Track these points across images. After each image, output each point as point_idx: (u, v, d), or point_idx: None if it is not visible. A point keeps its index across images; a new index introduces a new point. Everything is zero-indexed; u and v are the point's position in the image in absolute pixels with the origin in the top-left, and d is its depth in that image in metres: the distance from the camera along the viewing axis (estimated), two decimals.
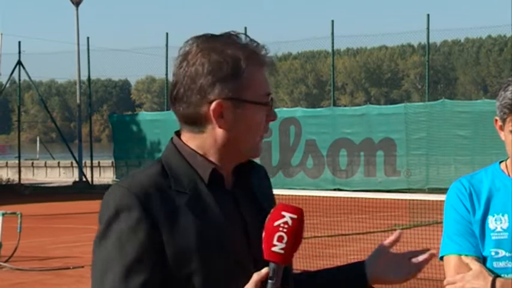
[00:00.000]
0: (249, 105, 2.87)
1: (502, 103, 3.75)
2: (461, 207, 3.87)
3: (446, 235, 3.90)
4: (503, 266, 3.79)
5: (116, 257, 2.75)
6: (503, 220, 3.79)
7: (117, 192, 2.84)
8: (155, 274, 2.77)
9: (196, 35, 2.94)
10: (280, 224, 2.75)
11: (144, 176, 2.86)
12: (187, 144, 2.92)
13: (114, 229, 2.77)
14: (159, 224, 2.77)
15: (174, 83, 2.89)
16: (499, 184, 3.86)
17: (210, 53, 2.84)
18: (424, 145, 30.70)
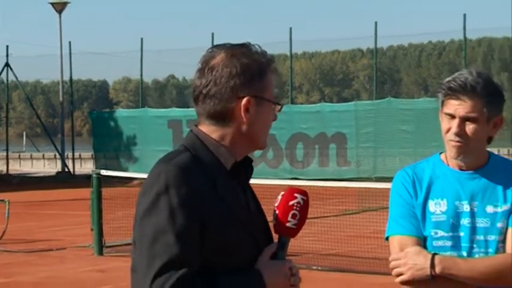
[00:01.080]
0: (267, 103, 3.06)
1: (441, 87, 3.79)
2: (405, 193, 3.89)
3: (391, 218, 3.92)
4: (442, 244, 3.80)
5: (167, 227, 2.81)
6: (442, 204, 3.81)
7: (165, 167, 2.91)
8: (197, 244, 2.85)
9: (217, 44, 3.13)
10: (295, 203, 3.01)
11: (186, 159, 2.94)
12: (210, 136, 3.02)
13: (164, 202, 2.83)
14: (200, 201, 2.87)
15: (205, 83, 3.00)
16: (439, 172, 3.88)
17: (241, 58, 2.99)
18: (372, 139, 30.78)
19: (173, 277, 2.77)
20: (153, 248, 2.81)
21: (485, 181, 3.82)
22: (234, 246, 2.94)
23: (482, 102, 3.73)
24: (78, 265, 14.24)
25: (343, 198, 20.37)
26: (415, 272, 3.76)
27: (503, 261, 3.74)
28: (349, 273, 12.94)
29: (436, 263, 3.72)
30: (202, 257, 2.85)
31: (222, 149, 3.01)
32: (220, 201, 2.93)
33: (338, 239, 15.59)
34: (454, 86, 3.74)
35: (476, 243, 3.79)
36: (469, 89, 3.71)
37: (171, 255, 2.79)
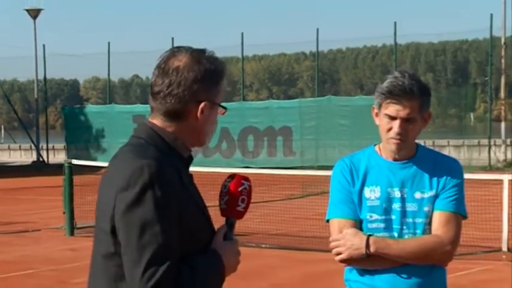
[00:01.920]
0: (216, 108, 3.01)
1: (379, 91, 3.79)
2: (343, 181, 3.89)
3: (331, 202, 3.92)
4: (376, 226, 3.82)
5: (154, 218, 2.76)
6: (376, 191, 3.83)
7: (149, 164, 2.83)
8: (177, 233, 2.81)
9: (179, 46, 3.04)
10: (243, 189, 3.01)
11: (155, 154, 2.89)
12: (166, 130, 2.97)
13: (150, 195, 2.77)
14: (175, 192, 2.83)
15: (167, 83, 2.93)
16: (373, 162, 3.89)
17: (205, 64, 2.96)
18: (314, 132, 30.93)
19: (161, 268, 2.73)
20: (141, 240, 2.75)
21: (414, 170, 3.84)
22: (199, 231, 2.94)
23: (418, 103, 3.76)
24: (51, 245, 14.15)
25: (289, 185, 20.42)
26: (352, 251, 3.77)
27: (429, 241, 3.77)
28: (294, 250, 12.98)
29: (371, 244, 3.74)
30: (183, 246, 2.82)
31: (178, 142, 2.97)
32: (186, 190, 2.91)
33: (284, 220, 15.64)
34: (393, 90, 3.74)
35: (406, 225, 3.81)
36: (408, 93, 3.73)
37: (158, 246, 2.74)
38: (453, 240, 3.78)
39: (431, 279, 3.82)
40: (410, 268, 3.77)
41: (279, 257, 12.41)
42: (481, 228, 12.32)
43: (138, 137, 2.97)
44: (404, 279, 3.78)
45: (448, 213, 3.79)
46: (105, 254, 2.88)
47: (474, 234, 11.56)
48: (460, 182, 3.86)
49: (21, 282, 11.10)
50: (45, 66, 39.08)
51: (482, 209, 12.88)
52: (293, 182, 20.02)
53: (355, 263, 3.83)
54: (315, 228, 12.66)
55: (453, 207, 3.81)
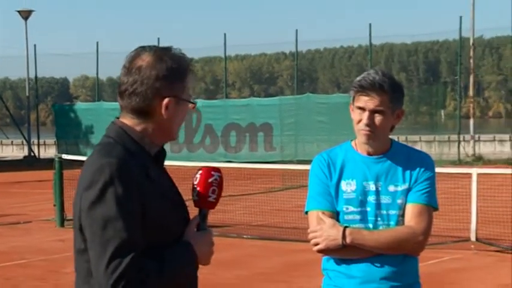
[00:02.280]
0: (184, 103, 2.96)
1: (353, 85, 3.83)
2: (321, 174, 3.89)
3: (310, 195, 3.92)
4: (352, 218, 3.83)
5: (115, 214, 2.74)
6: (352, 184, 3.84)
7: (110, 162, 2.81)
8: (140, 228, 2.78)
9: (143, 46, 3.00)
10: (213, 180, 2.96)
11: (120, 152, 2.86)
12: (134, 128, 2.93)
13: (111, 193, 2.75)
14: (139, 188, 2.80)
15: (132, 81, 2.91)
16: (350, 157, 3.89)
17: (167, 62, 2.91)
18: (294, 128, 30.94)
19: (125, 260, 2.71)
20: (104, 235, 2.74)
21: (388, 164, 3.85)
22: (170, 223, 2.90)
23: (388, 98, 3.77)
24: (42, 236, 14.10)
25: (269, 178, 20.44)
26: (329, 242, 3.78)
27: (402, 232, 3.79)
28: (275, 241, 12.98)
29: (347, 235, 3.75)
30: (146, 238, 2.79)
31: (146, 140, 2.94)
32: (154, 185, 2.87)
33: (265, 212, 15.64)
34: (364, 84, 3.77)
35: (380, 217, 3.82)
36: (377, 87, 3.75)
37: (121, 240, 2.72)
38: (425, 231, 3.79)
39: (404, 268, 3.83)
40: (384, 257, 3.78)
41: (260, 247, 12.41)
42: (451, 219, 12.38)
43: (108, 136, 2.95)
44: (379, 268, 3.79)
45: (420, 206, 3.81)
46: (77, 250, 2.89)
47: (445, 225, 11.62)
48: (431, 175, 3.87)
49: (14, 272, 11.05)
50: (36, 65, 38.98)
51: (452, 201, 12.94)
52: (273, 175, 20.04)
53: (332, 253, 3.83)
54: (294, 219, 12.69)
55: (425, 199, 3.82)
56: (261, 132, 31.92)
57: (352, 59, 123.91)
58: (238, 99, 46.07)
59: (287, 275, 10.46)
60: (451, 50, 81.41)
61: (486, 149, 32.20)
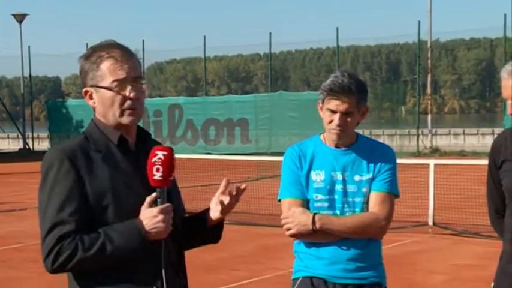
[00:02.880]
0: (103, 91, 2.89)
1: (322, 88, 3.81)
2: (293, 165, 3.90)
3: (282, 184, 3.93)
4: (321, 205, 3.84)
5: (52, 196, 2.77)
6: (321, 174, 3.84)
7: (52, 152, 2.87)
8: (81, 207, 2.77)
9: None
10: (156, 160, 2.82)
11: (73, 142, 2.90)
12: (100, 119, 2.95)
13: (49, 177, 2.79)
14: (82, 172, 2.79)
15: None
16: (319, 149, 3.90)
17: (81, 59, 2.95)
18: (268, 122, 30.94)
19: (52, 238, 2.76)
20: (42, 216, 2.82)
21: (354, 156, 3.86)
22: (118, 203, 2.83)
23: (356, 99, 3.79)
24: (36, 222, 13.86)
25: (245, 169, 20.44)
26: (300, 227, 3.79)
27: (366, 217, 3.81)
28: (251, 226, 13.02)
29: (316, 220, 3.76)
30: (91, 218, 2.79)
31: (108, 128, 2.93)
32: (110, 170, 2.85)
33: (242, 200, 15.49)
34: (334, 89, 3.76)
35: (347, 204, 3.83)
36: (346, 90, 3.75)
37: (52, 222, 2.76)
38: (387, 217, 3.81)
39: (369, 250, 3.84)
40: (350, 241, 3.80)
41: (238, 232, 12.41)
42: (411, 205, 12.45)
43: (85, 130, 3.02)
44: (345, 251, 3.80)
45: (383, 193, 3.82)
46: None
47: (405, 211, 11.69)
48: (393, 166, 3.89)
49: (10, 255, 11.00)
50: (30, 65, 38.75)
51: (411, 189, 13.01)
52: (249, 166, 20.05)
53: (303, 237, 3.84)
54: (269, 206, 12.70)
55: (387, 188, 3.84)
56: (237, 126, 31.91)
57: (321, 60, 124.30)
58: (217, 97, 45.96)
59: (262, 257, 10.49)
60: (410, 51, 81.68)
61: (442, 142, 32.38)
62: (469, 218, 12.49)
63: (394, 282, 4.25)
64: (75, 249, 2.73)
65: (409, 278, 8.98)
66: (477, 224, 11.81)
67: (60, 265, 2.75)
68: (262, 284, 8.89)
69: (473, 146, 30.74)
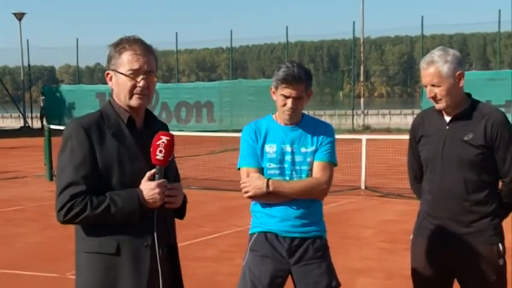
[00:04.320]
0: (120, 75, 2.91)
1: (277, 77, 3.79)
2: (250, 140, 3.89)
3: (241, 155, 3.92)
4: (273, 173, 3.84)
5: (69, 161, 2.78)
6: (273, 147, 3.84)
7: (72, 124, 2.88)
8: (92, 172, 2.79)
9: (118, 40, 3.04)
10: (160, 143, 2.88)
11: (90, 117, 2.90)
12: (115, 100, 2.97)
13: (68, 145, 2.80)
14: (94, 144, 2.80)
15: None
16: (271, 126, 3.90)
17: (111, 46, 2.95)
18: (230, 105, 30.90)
19: (66, 196, 2.78)
20: (61, 176, 2.81)
21: (300, 132, 3.86)
22: (123, 172, 2.87)
23: (304, 86, 3.78)
24: (36, 188, 13.86)
25: (211, 143, 20.43)
26: (256, 190, 3.79)
27: (311, 182, 3.81)
28: (216, 190, 13.01)
29: (270, 184, 3.76)
30: (101, 181, 2.81)
31: (121, 109, 2.96)
32: (119, 144, 2.86)
33: (208, 169, 15.63)
34: (287, 78, 3.75)
35: (295, 171, 3.84)
36: (297, 79, 3.74)
37: (67, 181, 2.77)
38: (327, 181, 3.82)
39: (312, 209, 3.86)
40: (298, 201, 3.81)
41: (205, 195, 12.41)
42: (347, 173, 12.56)
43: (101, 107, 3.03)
44: (293, 209, 3.82)
45: (324, 163, 3.83)
46: None
47: (342, 177, 11.79)
48: (332, 140, 3.90)
49: (14, 215, 10.86)
50: (28, 56, 38.19)
51: (347, 160, 13.11)
52: (214, 141, 20.02)
53: (258, 199, 3.84)
54: (230, 174, 12.69)
55: (328, 158, 3.85)
56: (204, 108, 31.82)
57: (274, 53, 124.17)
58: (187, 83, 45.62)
59: (225, 216, 10.50)
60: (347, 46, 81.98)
61: (372, 120, 32.63)
62: (393, 182, 12.65)
63: (333, 235, 4.28)
64: (84, 207, 2.77)
65: (345, 231, 9.07)
66: (400, 188, 11.96)
67: (70, 218, 2.80)
68: (225, 238, 8.90)
69: (397, 124, 31.04)
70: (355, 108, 32.57)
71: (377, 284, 6.65)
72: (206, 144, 20.40)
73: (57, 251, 7.96)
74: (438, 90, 3.71)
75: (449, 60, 3.70)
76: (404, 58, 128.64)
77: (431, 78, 3.71)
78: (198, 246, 8.40)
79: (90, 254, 2.86)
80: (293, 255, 3.80)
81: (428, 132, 3.87)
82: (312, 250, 3.81)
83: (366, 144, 13.09)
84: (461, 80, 3.74)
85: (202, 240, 8.77)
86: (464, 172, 3.73)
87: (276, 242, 3.82)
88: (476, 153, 3.71)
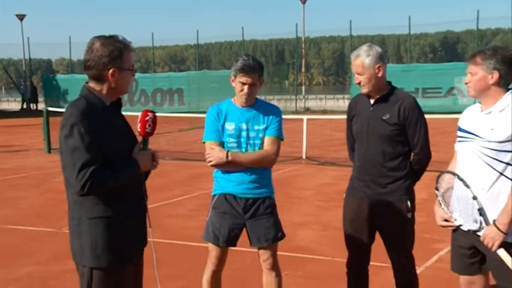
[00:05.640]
0: (125, 71, 2.84)
1: (235, 68, 3.77)
2: (213, 118, 3.87)
3: (205, 131, 3.90)
4: (232, 146, 3.83)
5: (79, 144, 2.66)
6: (232, 125, 3.83)
7: (74, 112, 2.74)
8: (99, 150, 2.71)
9: (96, 35, 2.86)
10: (148, 118, 2.93)
11: (81, 104, 2.77)
12: (95, 89, 2.85)
13: (75, 129, 2.67)
14: (94, 126, 2.71)
15: (87, 59, 2.82)
16: (230, 108, 3.88)
17: (108, 45, 2.78)
18: (196, 91, 30.68)
19: (88, 171, 2.67)
20: (74, 157, 2.68)
21: (254, 112, 3.85)
22: (119, 147, 2.83)
23: (258, 75, 3.78)
24: (37, 159, 13.59)
25: (181, 122, 20.30)
26: (218, 160, 3.78)
27: (262, 153, 3.82)
28: (185, 160, 12.95)
29: (229, 155, 3.76)
30: (104, 156, 2.73)
31: (103, 95, 2.86)
32: (106, 123, 2.79)
33: (179, 143, 15.57)
34: (245, 68, 3.73)
35: (249, 145, 3.83)
36: (252, 69, 3.73)
37: (84, 159, 2.67)
38: (276, 153, 3.83)
39: (263, 175, 3.87)
40: (251, 169, 3.81)
41: (175, 165, 12.36)
42: (291, 146, 12.64)
43: (80, 94, 2.87)
44: (248, 175, 3.82)
45: (273, 138, 3.84)
46: (62, 166, 2.81)
47: (287, 149, 11.87)
48: (280, 119, 3.90)
49: (18, 181, 10.65)
50: (29, 51, 37.65)
51: (292, 135, 13.16)
52: (184, 121, 19.89)
53: (219, 167, 3.83)
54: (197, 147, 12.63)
55: (276, 133, 3.85)
56: (176, 94, 31.53)
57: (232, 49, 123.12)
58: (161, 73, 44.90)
59: (192, 181, 10.48)
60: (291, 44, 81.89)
61: (312, 104, 32.80)
62: (329, 153, 12.80)
63: (279, 196, 4.32)
64: (105, 180, 2.71)
65: (289, 192, 9.15)
66: (334, 157, 12.12)
67: (93, 191, 2.72)
68: (192, 199, 8.90)
69: (331, 106, 31.28)
70: (298, 94, 32.68)
71: (315, 234, 6.74)
72: (177, 123, 20.25)
73: (55, 211, 7.85)
74: (362, 78, 3.77)
75: (372, 55, 3.76)
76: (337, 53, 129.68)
77: (356, 68, 3.78)
78: (170, 206, 8.38)
79: (95, 220, 2.77)
80: (247, 212, 3.82)
81: (358, 112, 3.92)
82: (262, 208, 3.83)
83: (307, 123, 13.17)
84: (380, 71, 3.78)
85: (174, 201, 8.74)
86: (382, 145, 3.79)
87: (234, 202, 3.82)
88: (392, 129, 3.77)
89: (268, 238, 3.82)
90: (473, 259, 3.24)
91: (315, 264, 5.58)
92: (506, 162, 3.04)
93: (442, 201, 3.28)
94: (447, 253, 5.59)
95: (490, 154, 3.06)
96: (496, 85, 3.10)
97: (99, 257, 2.76)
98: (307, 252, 5.94)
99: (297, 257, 5.74)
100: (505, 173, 3.04)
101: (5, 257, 5.94)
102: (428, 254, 5.68)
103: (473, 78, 3.15)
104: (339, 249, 4.57)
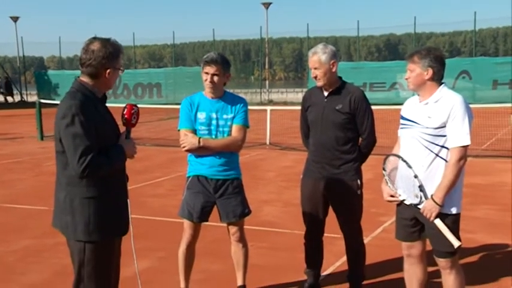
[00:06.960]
0: (116, 70, 2.79)
1: (202, 60, 3.74)
2: (186, 109, 3.81)
3: (180, 120, 3.84)
4: (203, 133, 3.78)
5: (80, 131, 2.60)
6: (203, 114, 3.79)
7: (73, 103, 2.66)
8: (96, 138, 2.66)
9: (95, 37, 2.80)
10: (133, 111, 2.90)
11: (77, 97, 2.70)
12: (88, 83, 2.78)
13: (77, 119, 2.61)
14: (90, 117, 2.65)
15: (87, 58, 2.75)
16: (202, 100, 3.82)
17: (108, 47, 2.74)
18: (173, 85, 30.39)
19: (88, 157, 2.63)
20: (75, 143, 2.63)
21: (223, 103, 3.81)
22: (110, 136, 2.80)
23: (221, 67, 3.71)
24: (31, 146, 13.26)
25: (160, 113, 20.08)
26: (191, 145, 3.73)
27: (230, 139, 3.78)
28: (164, 146, 12.82)
29: (201, 141, 3.71)
30: (98, 144, 2.69)
31: (95, 90, 2.80)
32: (99, 114, 2.74)
33: (159, 131, 15.41)
34: (208, 60, 3.69)
35: (219, 132, 3.79)
36: (214, 61, 3.67)
37: (85, 146, 2.62)
38: (242, 139, 3.80)
39: (231, 159, 3.83)
40: (221, 154, 3.77)
41: (156, 150, 12.22)
42: (257, 133, 12.64)
43: (73, 88, 2.79)
44: (217, 159, 3.78)
45: (240, 126, 3.80)
46: (57, 151, 2.74)
47: (253, 136, 11.86)
48: (246, 109, 3.86)
49: (14, 165, 10.36)
50: (23, 49, 36.84)
51: (257, 124, 13.18)
52: (162, 111, 19.67)
53: (193, 152, 3.78)
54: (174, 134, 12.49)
55: (242, 122, 3.81)
56: (155, 88, 31.14)
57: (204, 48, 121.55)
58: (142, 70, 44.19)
59: (170, 164, 10.38)
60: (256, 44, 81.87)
61: (274, 96, 32.84)
62: (289, 140, 12.84)
63: (246, 177, 4.29)
64: (101, 165, 2.67)
65: (255, 174, 9.16)
66: (294, 143, 12.16)
67: (92, 175, 2.67)
68: (170, 180, 8.81)
69: (291, 98, 31.38)
70: (262, 88, 32.68)
71: (277, 210, 6.76)
72: (156, 113, 20.03)
73: (47, 191, 7.64)
74: (318, 72, 3.78)
75: (327, 52, 3.78)
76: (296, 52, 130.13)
77: (313, 63, 3.78)
78: (151, 186, 8.28)
79: (87, 199, 2.73)
80: (217, 191, 3.78)
81: (313, 103, 3.92)
82: (231, 188, 3.80)
83: (270, 113, 13.16)
84: (334, 66, 3.81)
85: (154, 182, 8.65)
86: (336, 131, 3.82)
87: (206, 182, 3.78)
88: (344, 118, 3.80)
89: (236, 214, 3.80)
90: (414, 228, 3.31)
91: (277, 236, 5.60)
92: (441, 145, 3.11)
93: (388, 180, 3.33)
94: (391, 225, 5.70)
95: (428, 138, 3.13)
96: (431, 80, 3.17)
97: (92, 232, 2.74)
98: (270, 226, 5.96)
99: (261, 230, 5.76)
100: (440, 155, 3.12)
101: (3, 233, 5.83)
102: (374, 226, 5.76)
103: (412, 75, 3.21)
104: (298, 223, 4.59)
